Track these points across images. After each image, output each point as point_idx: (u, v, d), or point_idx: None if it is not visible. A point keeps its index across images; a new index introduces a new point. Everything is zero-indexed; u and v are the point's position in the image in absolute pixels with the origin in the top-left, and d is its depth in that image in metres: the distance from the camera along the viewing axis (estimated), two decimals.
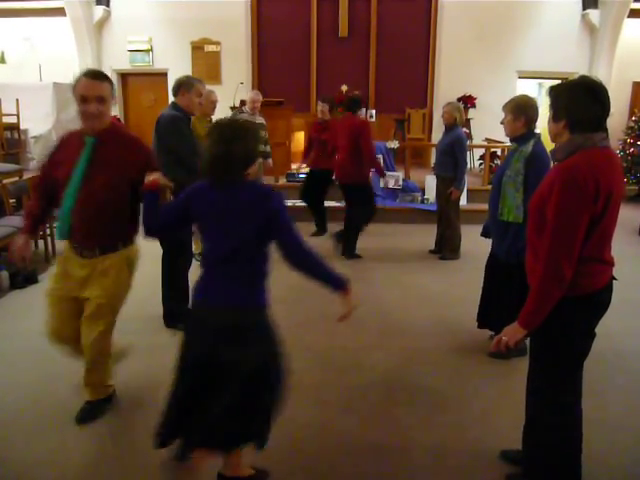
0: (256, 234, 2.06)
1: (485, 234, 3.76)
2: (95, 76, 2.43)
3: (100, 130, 2.47)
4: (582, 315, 2.07)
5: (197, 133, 4.78)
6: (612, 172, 1.97)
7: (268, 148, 6.40)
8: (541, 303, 1.99)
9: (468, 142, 7.68)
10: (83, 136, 2.48)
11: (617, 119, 10.08)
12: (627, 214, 8.25)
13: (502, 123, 3.47)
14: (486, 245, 3.76)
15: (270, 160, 6.45)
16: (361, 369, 3.47)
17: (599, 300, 2.07)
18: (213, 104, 5.34)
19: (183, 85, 3.82)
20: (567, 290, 1.97)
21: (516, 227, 3.30)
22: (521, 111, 3.33)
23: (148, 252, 2.97)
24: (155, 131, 3.80)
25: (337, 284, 2.15)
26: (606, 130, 2.01)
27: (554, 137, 2.09)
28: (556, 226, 1.94)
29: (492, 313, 3.60)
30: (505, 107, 3.44)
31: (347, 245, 5.85)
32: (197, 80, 3.92)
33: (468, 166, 6.43)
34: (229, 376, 1.99)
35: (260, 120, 6.36)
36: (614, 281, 2.12)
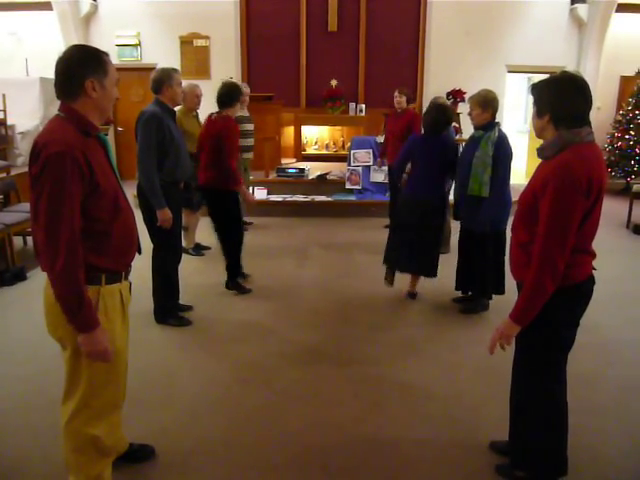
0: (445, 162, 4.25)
1: (456, 217, 4.30)
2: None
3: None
4: (568, 305, 2.12)
5: (183, 128, 4.78)
6: (600, 167, 2.02)
7: (252, 141, 6.39)
8: (535, 298, 2.03)
9: (458, 136, 7.72)
10: (92, 134, 1.93)
11: (605, 113, 10.16)
12: (615, 208, 8.32)
13: (470, 114, 4.06)
14: None
15: (251, 153, 6.44)
16: (354, 361, 3.49)
17: (584, 290, 2.13)
18: (198, 98, 5.30)
19: (163, 81, 3.72)
20: None
21: (486, 201, 3.94)
22: (488, 104, 3.97)
23: None
24: (135, 128, 3.75)
25: None
26: (590, 124, 2.05)
27: (539, 132, 2.15)
28: (551, 222, 1.97)
29: (468, 279, 4.28)
30: (472, 101, 4.05)
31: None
32: (172, 70, 3.81)
33: None
34: (426, 232, 4.24)
35: (247, 114, 6.36)
36: (594, 272, 2.17)
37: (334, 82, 9.91)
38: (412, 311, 4.34)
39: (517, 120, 13.12)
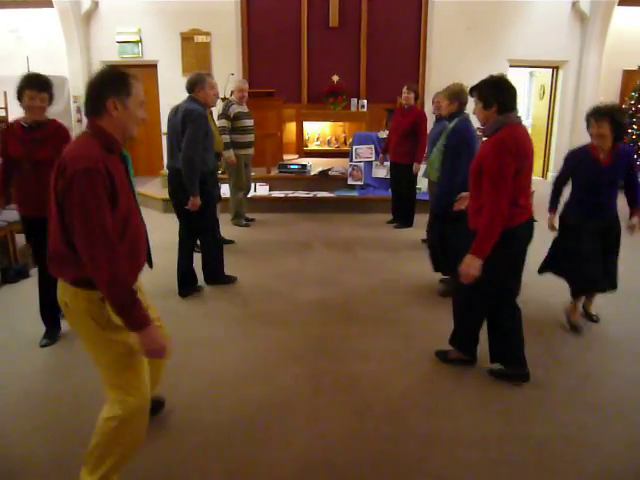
0: None
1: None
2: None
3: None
4: (506, 244, 2.83)
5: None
6: (525, 140, 2.86)
7: (252, 137, 6.42)
8: (490, 235, 2.76)
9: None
10: (116, 150, 2.03)
11: None
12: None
13: (434, 103, 4.74)
14: None
15: (252, 150, 6.49)
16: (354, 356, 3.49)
17: (519, 234, 2.90)
18: (216, 95, 5.43)
19: (198, 83, 4.36)
20: None
21: (437, 185, 4.49)
22: (455, 97, 4.37)
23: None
24: (182, 123, 4.23)
25: None
26: (517, 110, 2.92)
27: (485, 120, 2.93)
28: (494, 176, 2.74)
29: (438, 258, 4.55)
30: (441, 94, 4.50)
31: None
32: (206, 74, 4.48)
33: None
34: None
35: (246, 110, 6.38)
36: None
37: (335, 78, 9.89)
38: (415, 305, 4.33)
39: (520, 115, 13.03)
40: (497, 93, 2.88)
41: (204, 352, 3.54)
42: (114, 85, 2.00)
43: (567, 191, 3.99)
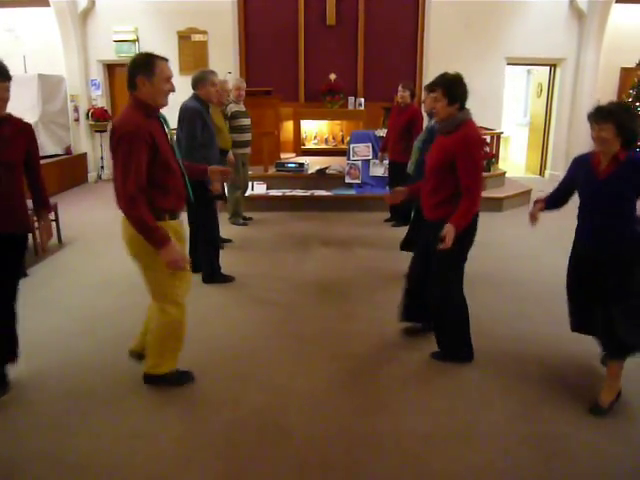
0: None
1: None
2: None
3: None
4: (473, 226, 3.15)
5: (214, 123, 5.06)
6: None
7: (249, 136, 6.42)
8: (468, 214, 3.00)
9: None
10: (153, 115, 2.73)
11: None
12: None
13: (423, 102, 4.78)
14: None
15: (249, 148, 6.50)
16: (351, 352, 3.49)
17: (477, 220, 3.16)
18: (227, 93, 5.78)
19: (200, 80, 4.57)
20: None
21: (411, 179, 4.61)
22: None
23: None
24: (180, 119, 4.55)
25: None
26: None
27: (447, 116, 3.07)
28: (476, 168, 3.02)
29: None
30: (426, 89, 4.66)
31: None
32: (209, 72, 4.68)
33: None
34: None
35: (243, 108, 6.38)
36: None
37: (333, 76, 9.87)
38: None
39: (517, 113, 13.01)
40: (460, 90, 3.04)
41: (201, 347, 3.55)
42: (141, 66, 2.66)
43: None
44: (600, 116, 2.71)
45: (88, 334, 3.77)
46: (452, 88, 3.04)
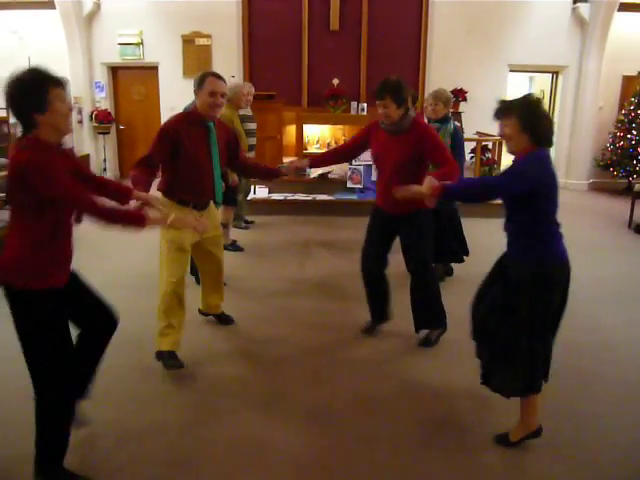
0: None
1: None
2: (220, 77, 3.24)
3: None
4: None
5: (233, 127, 5.16)
6: None
7: (254, 140, 6.43)
8: (452, 174, 3.11)
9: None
10: (204, 122, 3.25)
11: (607, 113, 10.14)
12: (617, 207, 8.32)
13: (428, 108, 4.67)
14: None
15: (253, 153, 6.50)
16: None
17: None
18: (245, 97, 5.77)
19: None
20: None
21: None
22: (449, 101, 4.63)
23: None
24: None
25: None
26: None
27: (399, 118, 3.37)
28: (445, 146, 3.45)
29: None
30: (435, 97, 4.59)
31: None
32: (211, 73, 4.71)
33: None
34: None
35: (250, 113, 6.40)
36: None
37: (336, 81, 9.90)
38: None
39: None
40: (405, 93, 3.35)
41: (200, 353, 3.55)
42: (196, 81, 3.23)
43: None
44: (502, 111, 2.44)
45: None
46: (398, 93, 3.31)
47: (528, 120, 2.35)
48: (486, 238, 5.01)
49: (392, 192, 2.88)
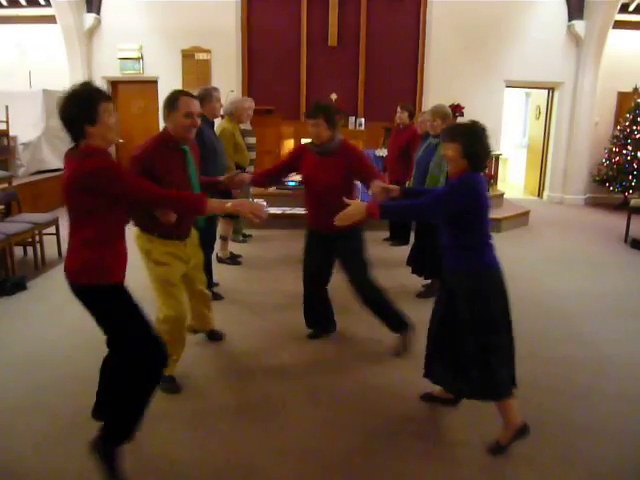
0: None
1: None
2: (193, 96, 3.01)
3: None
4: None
5: (235, 141, 5.50)
6: None
7: (254, 155, 6.47)
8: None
9: None
10: (176, 146, 2.98)
11: (603, 128, 10.23)
12: (613, 222, 8.37)
13: (428, 124, 4.75)
14: None
15: (252, 167, 6.53)
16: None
17: None
18: (246, 111, 5.74)
19: (205, 97, 4.57)
20: None
21: None
22: (448, 117, 4.65)
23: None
24: None
25: None
26: None
27: (328, 139, 3.50)
28: (371, 165, 3.65)
29: (422, 264, 5.07)
30: (434, 113, 4.66)
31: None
32: (213, 89, 4.70)
33: None
34: None
35: (250, 127, 6.44)
36: None
37: (334, 96, 9.99)
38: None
39: (516, 135, 13.14)
40: (335, 116, 3.49)
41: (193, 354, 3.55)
42: (166, 103, 2.95)
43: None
44: (446, 136, 2.66)
45: (90, 347, 3.77)
46: (330, 115, 3.45)
47: (469, 148, 2.56)
48: None
49: (325, 215, 3.14)
